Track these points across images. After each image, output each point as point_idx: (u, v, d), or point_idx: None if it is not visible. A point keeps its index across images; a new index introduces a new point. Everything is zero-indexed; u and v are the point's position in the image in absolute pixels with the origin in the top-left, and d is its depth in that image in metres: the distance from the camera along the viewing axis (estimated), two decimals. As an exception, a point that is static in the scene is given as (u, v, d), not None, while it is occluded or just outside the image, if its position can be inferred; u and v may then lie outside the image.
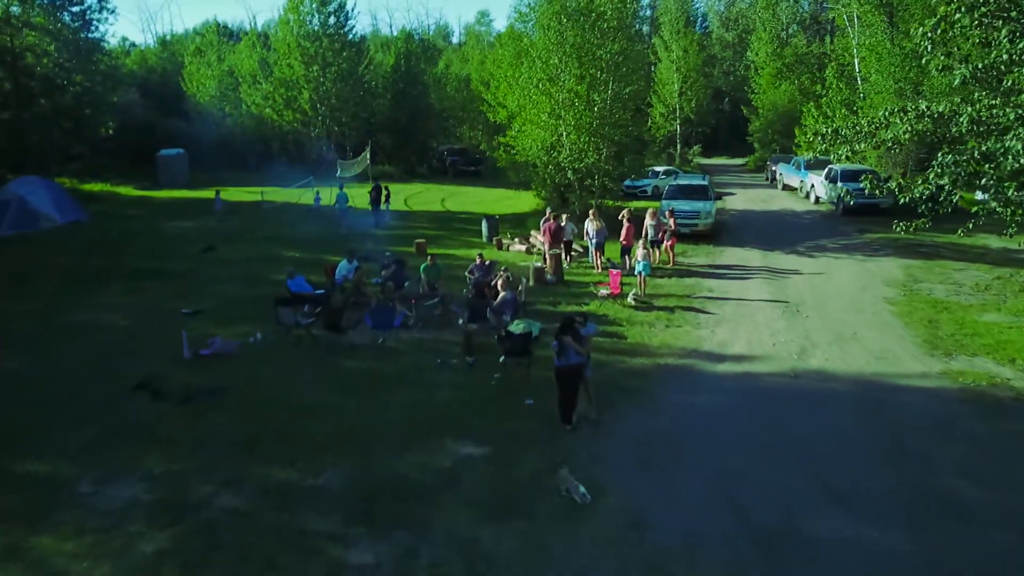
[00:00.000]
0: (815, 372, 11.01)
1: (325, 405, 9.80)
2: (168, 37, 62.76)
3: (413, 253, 19.06)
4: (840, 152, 12.55)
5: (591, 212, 18.70)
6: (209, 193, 29.83)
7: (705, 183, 23.45)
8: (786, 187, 34.40)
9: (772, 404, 9.86)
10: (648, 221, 18.18)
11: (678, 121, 49.16)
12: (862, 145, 12.04)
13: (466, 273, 15.83)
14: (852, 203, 23.45)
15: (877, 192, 12.44)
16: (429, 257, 15.36)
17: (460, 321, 12.74)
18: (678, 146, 49.40)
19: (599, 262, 17.90)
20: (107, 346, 12.35)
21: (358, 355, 11.87)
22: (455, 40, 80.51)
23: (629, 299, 14.17)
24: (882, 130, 12.03)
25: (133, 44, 62.41)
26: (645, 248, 14.69)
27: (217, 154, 42.29)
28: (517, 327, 12.30)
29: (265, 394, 10.17)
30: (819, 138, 12.45)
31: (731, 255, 19.77)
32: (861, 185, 13.72)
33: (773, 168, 38.07)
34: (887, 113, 11.96)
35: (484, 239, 21.83)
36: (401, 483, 7.73)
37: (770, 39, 50.49)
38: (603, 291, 14.90)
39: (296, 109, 40.64)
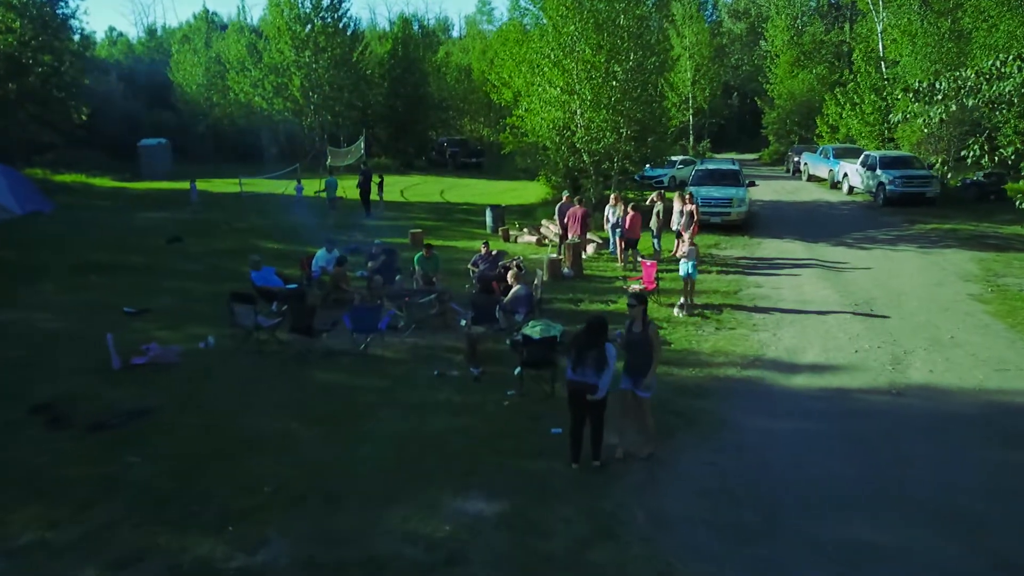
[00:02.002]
0: (922, 388, 8.52)
1: (282, 436, 7.30)
2: (157, 28, 60.34)
3: (407, 245, 16.60)
4: (934, 113, 10.09)
5: (612, 197, 16.22)
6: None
7: (736, 168, 20.98)
8: (812, 177, 32.03)
9: (881, 433, 7.37)
10: (676, 207, 15.70)
11: (690, 111, 46.65)
12: (970, 101, 9.55)
13: (469, 266, 13.38)
14: (960, 180, 20.20)
15: (984, 162, 9.97)
16: (425, 247, 12.84)
17: (462, 322, 10.28)
18: (690, 138, 46.90)
19: (623, 254, 15.40)
20: (24, 353, 9.85)
21: (334, 366, 9.38)
22: (455, 34, 77.88)
23: (676, 312, 11.55)
24: (990, 83, 9.56)
25: (121, 34, 60.02)
26: (692, 244, 11.98)
27: (205, 145, 40.12)
28: (533, 329, 9.87)
29: (204, 419, 7.67)
30: (910, 95, 9.96)
31: (771, 247, 17.31)
32: (965, 154, 10.93)
33: (796, 158, 35.69)
34: (997, 63, 9.50)
35: (488, 230, 19.39)
36: (377, 562, 5.25)
37: (786, 26, 48.10)
38: (635, 286, 12.42)
39: (287, 97, 38.19)
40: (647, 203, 15.78)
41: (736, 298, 12.55)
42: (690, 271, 11.53)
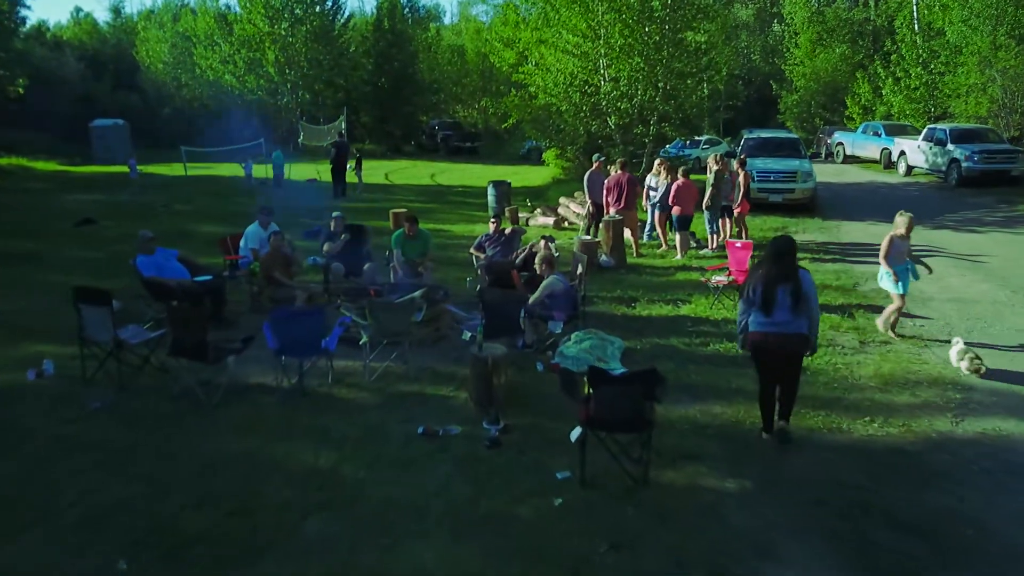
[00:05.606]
0: None
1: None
2: (132, 11, 56.10)
3: (387, 230, 12.62)
4: None
5: (656, 164, 12.38)
6: (151, 168, 24.04)
7: (795, 136, 17.12)
8: (848, 159, 28.39)
9: None
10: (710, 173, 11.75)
11: (706, 92, 42.99)
12: None
13: (472, 251, 9.43)
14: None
15: None
16: (408, 222, 8.78)
17: (466, 335, 6.36)
18: (706, 120, 43.24)
19: (674, 237, 11.45)
20: None
21: (243, 416, 5.42)
22: (447, 21, 73.62)
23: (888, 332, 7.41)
24: None
25: (87, 14, 55.80)
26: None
27: (172, 127, 36.37)
28: (581, 345, 6.15)
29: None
30: None
31: (856, 231, 13.48)
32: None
33: (828, 140, 32.10)
34: None
35: (491, 212, 15.43)
36: None
37: (805, 2, 44.67)
38: (718, 277, 8.48)
39: (260, 74, 34.26)
40: (710, 171, 11.87)
41: (860, 295, 8.72)
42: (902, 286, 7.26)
